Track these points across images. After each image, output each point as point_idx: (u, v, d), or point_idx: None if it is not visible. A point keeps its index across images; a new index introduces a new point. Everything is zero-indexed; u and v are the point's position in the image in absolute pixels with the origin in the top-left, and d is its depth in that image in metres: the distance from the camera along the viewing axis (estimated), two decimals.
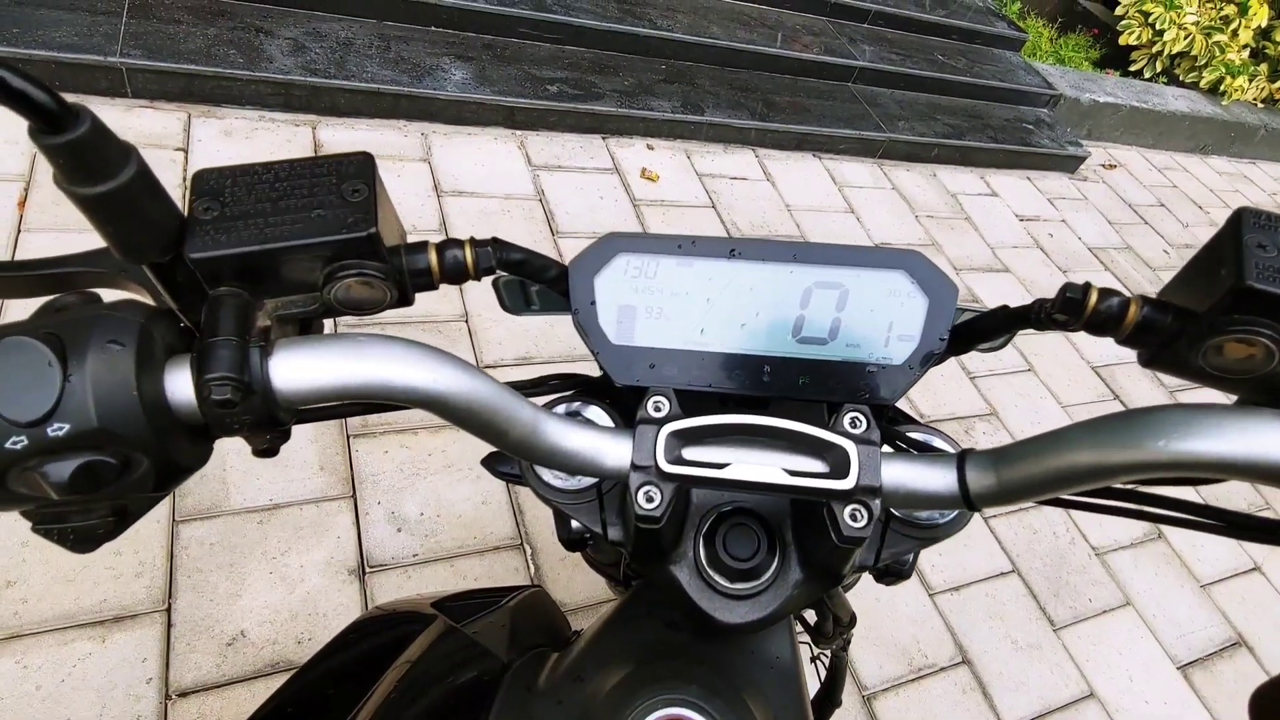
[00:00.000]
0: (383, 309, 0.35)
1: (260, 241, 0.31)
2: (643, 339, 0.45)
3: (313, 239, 0.32)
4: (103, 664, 1.27)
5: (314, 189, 0.33)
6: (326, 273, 0.33)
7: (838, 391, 0.43)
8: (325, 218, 0.32)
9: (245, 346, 0.30)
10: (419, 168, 2.33)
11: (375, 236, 0.32)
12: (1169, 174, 4.24)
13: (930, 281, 0.43)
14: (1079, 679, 1.86)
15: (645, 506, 0.38)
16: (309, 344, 0.32)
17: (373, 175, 0.34)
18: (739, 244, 0.44)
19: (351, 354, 0.32)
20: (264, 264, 0.32)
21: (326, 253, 0.32)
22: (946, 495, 0.37)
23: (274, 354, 0.31)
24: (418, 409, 0.34)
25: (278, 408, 0.31)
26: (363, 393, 0.32)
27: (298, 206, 0.32)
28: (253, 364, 0.30)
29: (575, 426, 0.39)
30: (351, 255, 0.33)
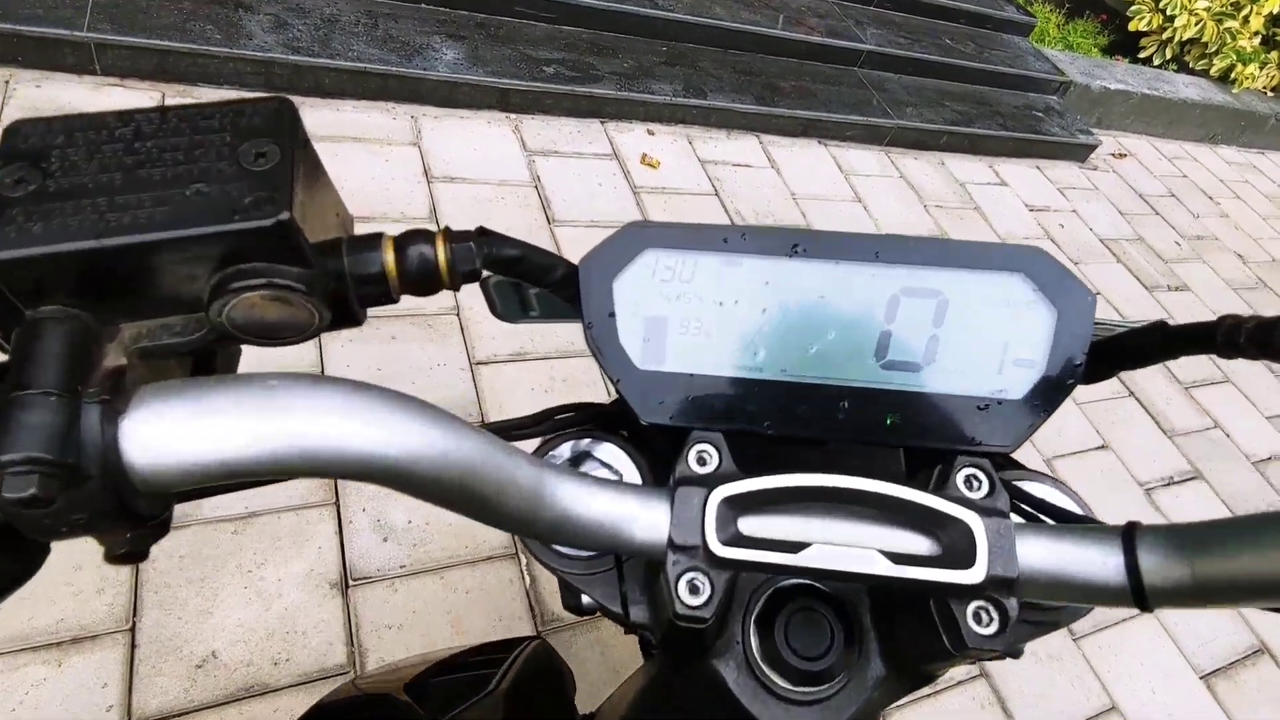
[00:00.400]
0: (310, 334, 0.24)
1: (101, 234, 0.20)
2: (678, 362, 0.34)
3: (183, 230, 0.21)
4: (58, 690, 1.17)
5: (195, 151, 0.22)
6: (215, 283, 0.22)
7: (936, 434, 0.33)
8: (209, 197, 0.21)
9: (74, 403, 0.19)
10: (408, 152, 2.21)
11: (288, 225, 0.21)
12: (1179, 163, 4.15)
13: (1058, 287, 0.32)
14: (1100, 691, 1.78)
15: (688, 602, 0.27)
16: (190, 393, 0.21)
17: (289, 131, 0.23)
18: (804, 237, 0.34)
19: (259, 404, 0.21)
20: (112, 270, 0.21)
21: (212, 251, 0.21)
22: (1108, 589, 0.27)
23: (130, 412, 0.21)
24: (362, 482, 0.24)
25: (136, 496, 0.21)
26: (276, 465, 0.21)
27: (167, 179, 0.21)
28: (87, 432, 0.19)
29: (590, 488, 0.28)
30: (253, 255, 0.22)
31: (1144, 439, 2.43)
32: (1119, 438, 2.38)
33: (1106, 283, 3.04)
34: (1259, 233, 3.81)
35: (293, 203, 0.21)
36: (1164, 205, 3.72)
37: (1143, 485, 2.28)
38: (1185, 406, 2.61)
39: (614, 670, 1.45)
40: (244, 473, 0.21)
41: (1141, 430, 2.45)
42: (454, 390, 1.74)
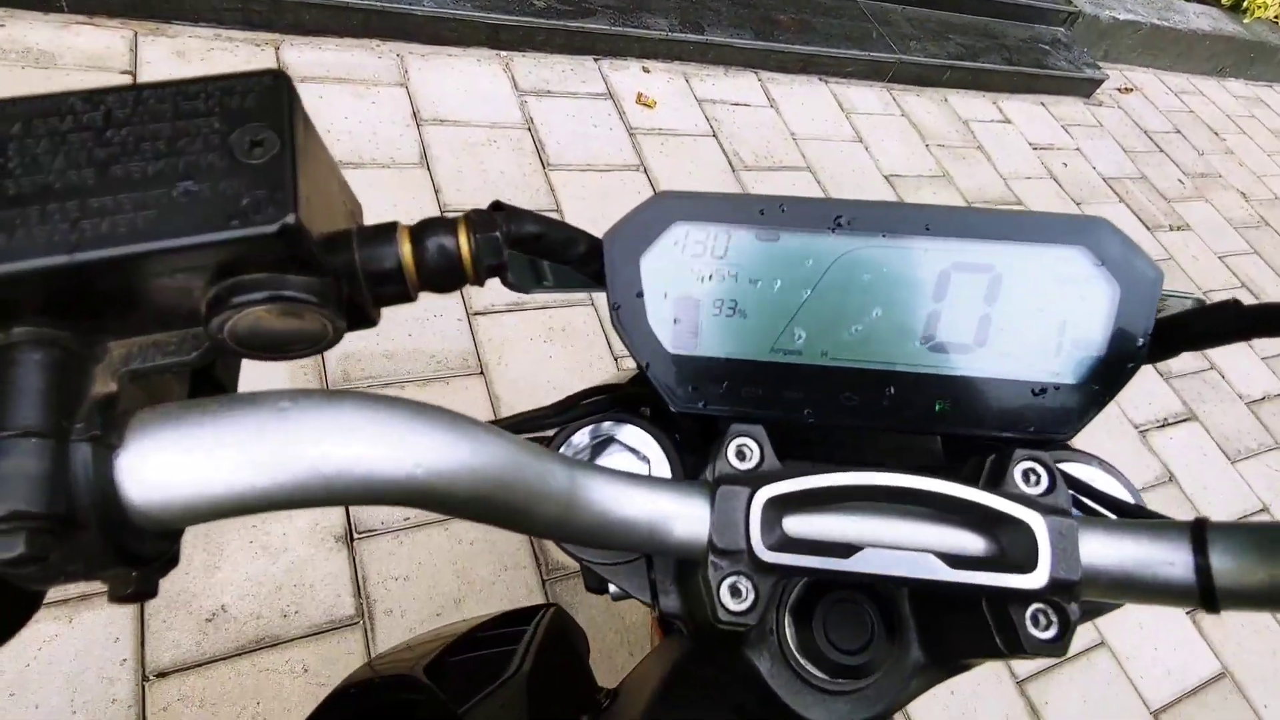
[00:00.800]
0: (322, 348, 0.22)
1: (74, 247, 0.17)
2: (711, 346, 0.32)
3: (175, 240, 0.18)
4: (71, 646, 1.18)
5: (179, 141, 0.19)
6: (212, 296, 0.19)
7: (990, 422, 0.31)
8: (200, 198, 0.18)
9: (61, 444, 0.17)
10: (395, 93, 2.13)
11: (294, 230, 0.18)
12: (1185, 98, 4.05)
13: (1122, 261, 0.30)
14: (1090, 628, 1.83)
15: (731, 607, 0.26)
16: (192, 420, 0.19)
17: (288, 114, 0.20)
18: (847, 208, 0.31)
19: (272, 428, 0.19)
20: (92, 286, 0.18)
21: (207, 261, 0.19)
22: (1174, 588, 0.26)
23: (126, 445, 0.18)
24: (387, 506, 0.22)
25: (138, 538, 0.19)
26: (295, 495, 0.20)
27: (148, 176, 0.18)
28: (76, 474, 0.17)
29: (626, 486, 0.27)
30: (255, 263, 0.19)
31: (1140, 381, 2.43)
32: None
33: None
34: (1263, 169, 3.75)
35: (298, 202, 0.18)
36: (1169, 142, 3.64)
37: (1137, 427, 2.30)
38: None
39: (618, 618, 1.48)
40: (260, 505, 0.19)
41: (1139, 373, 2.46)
42: (453, 342, 1.72)
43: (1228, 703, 1.81)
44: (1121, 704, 1.73)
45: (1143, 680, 1.78)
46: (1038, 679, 1.70)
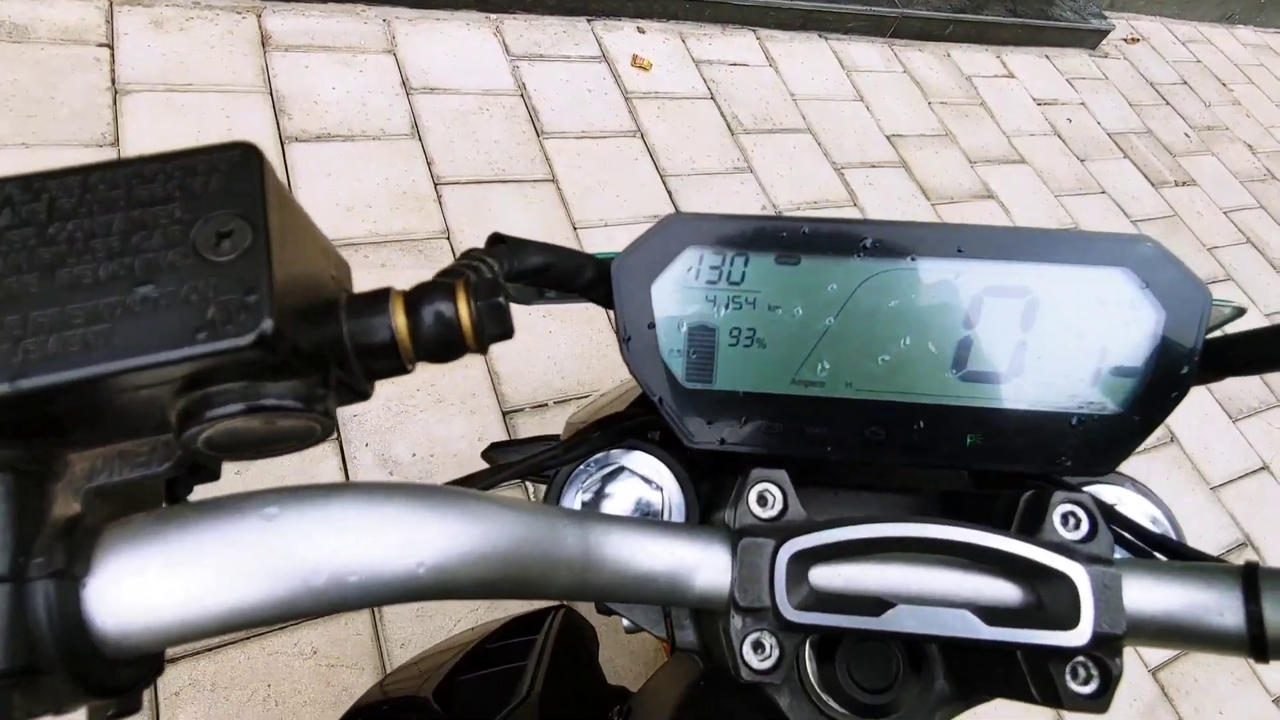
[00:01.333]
0: (310, 444, 0.20)
1: (17, 374, 0.15)
2: (729, 379, 0.30)
3: (133, 360, 0.15)
4: None
5: (135, 236, 0.16)
6: (182, 408, 0.17)
7: (1025, 457, 0.29)
8: (160, 306, 0.16)
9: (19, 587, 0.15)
10: (383, 61, 2.06)
11: (271, 338, 0.16)
12: (1193, 47, 3.95)
13: (1167, 282, 0.28)
14: None
15: (755, 665, 0.25)
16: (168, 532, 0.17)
17: (260, 196, 0.17)
18: (874, 229, 0.29)
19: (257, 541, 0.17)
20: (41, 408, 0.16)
21: (174, 374, 0.16)
22: (1223, 638, 0.24)
23: (94, 571, 0.17)
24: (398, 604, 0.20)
25: (111, 670, 0.17)
26: (287, 610, 0.18)
27: (100, 281, 0.16)
28: (39, 616, 0.16)
29: (643, 537, 0.25)
30: (229, 374, 0.17)
31: None
32: None
33: (1113, 180, 2.95)
34: (1271, 120, 3.68)
35: (274, 306, 0.16)
36: (1175, 94, 3.57)
37: None
38: None
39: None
40: (249, 623, 0.18)
41: None
42: None
43: (1225, 660, 1.84)
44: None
45: None
46: None
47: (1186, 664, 1.80)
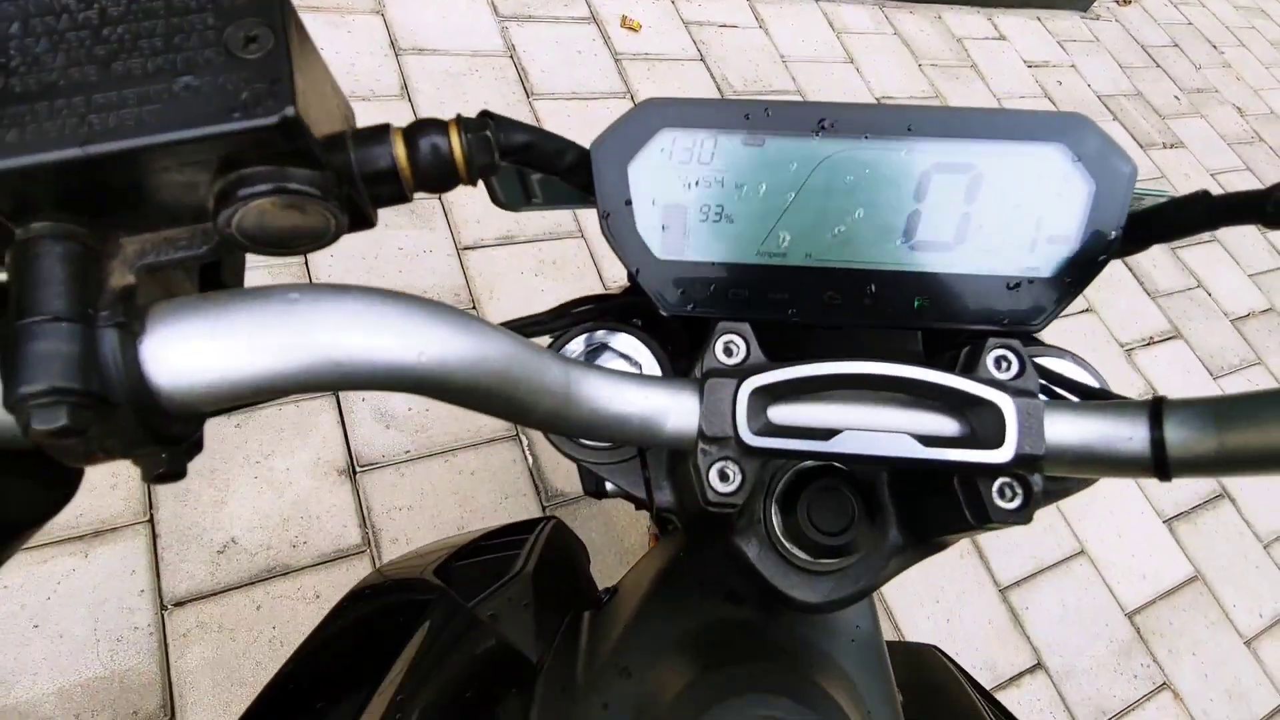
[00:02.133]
0: (324, 243, 0.23)
1: (86, 140, 0.18)
2: (699, 250, 0.33)
3: (178, 133, 0.18)
4: (89, 578, 1.22)
5: (174, 38, 0.19)
6: (219, 189, 0.20)
7: (965, 316, 0.32)
8: (201, 92, 0.19)
9: (89, 328, 0.18)
10: (372, 21, 2.05)
11: (294, 122, 0.19)
12: (1185, 9, 3.94)
13: (1098, 157, 0.31)
14: (1070, 537, 1.90)
15: (720, 490, 0.28)
16: (208, 310, 0.20)
17: (280, 9, 0.20)
18: (830, 111, 0.32)
19: (285, 319, 0.20)
20: (105, 180, 0.19)
21: (212, 156, 0.19)
22: (1132, 460, 0.28)
23: (148, 332, 0.19)
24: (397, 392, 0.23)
25: (167, 419, 0.20)
26: (309, 380, 0.21)
27: (149, 72, 0.19)
28: (105, 356, 0.18)
29: (620, 384, 0.28)
30: (258, 157, 0.20)
31: (1128, 300, 2.46)
32: (1103, 299, 2.41)
33: None
34: (1260, 82, 3.69)
35: (296, 95, 0.19)
36: (1166, 56, 3.57)
37: (1123, 346, 2.33)
38: (1171, 267, 2.63)
39: (617, 539, 1.53)
40: (276, 389, 0.21)
41: (1126, 292, 2.48)
42: (443, 277, 1.72)
43: (1199, 603, 1.91)
44: (1098, 606, 1.82)
45: (1119, 584, 1.87)
46: (1019, 586, 1.78)
47: (1162, 608, 1.87)
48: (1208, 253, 2.74)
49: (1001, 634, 1.72)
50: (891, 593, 1.68)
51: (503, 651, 0.39)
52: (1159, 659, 1.80)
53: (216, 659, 1.22)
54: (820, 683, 0.34)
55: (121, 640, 1.19)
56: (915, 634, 1.65)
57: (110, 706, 1.14)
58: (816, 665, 0.36)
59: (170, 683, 1.18)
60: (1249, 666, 1.85)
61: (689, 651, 0.36)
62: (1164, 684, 1.76)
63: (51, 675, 1.14)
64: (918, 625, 1.67)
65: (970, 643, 1.68)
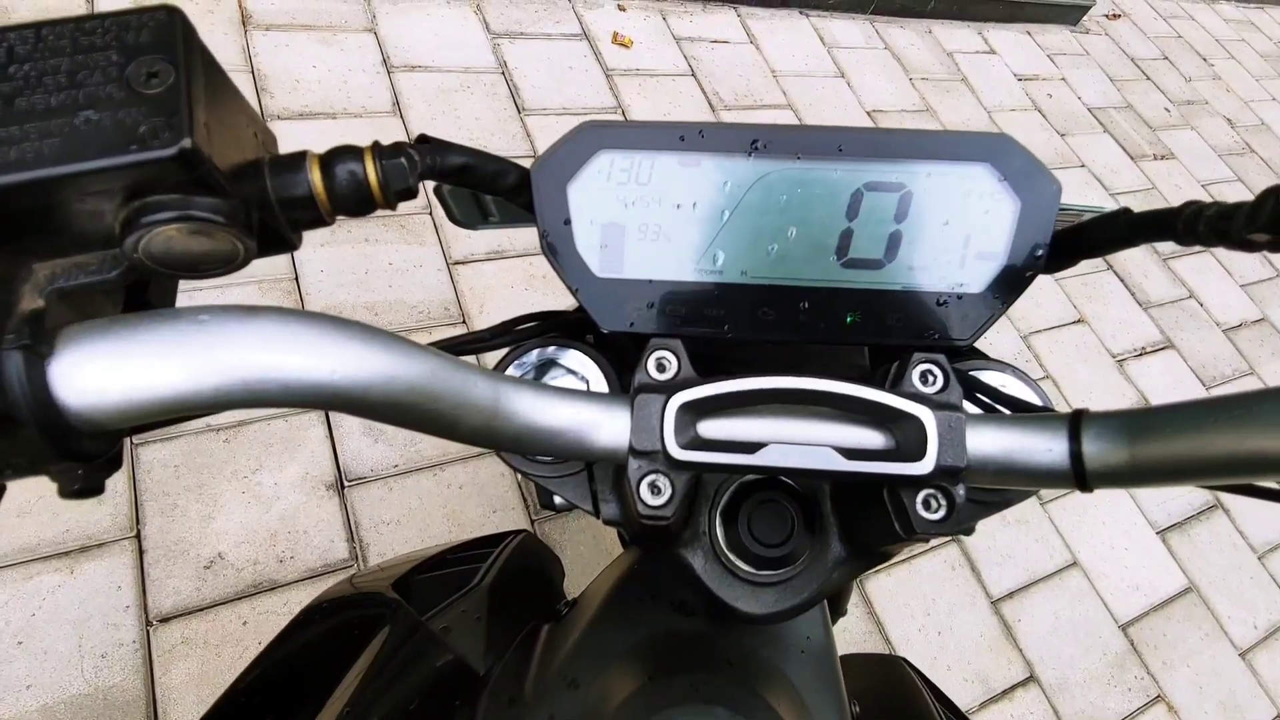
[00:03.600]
0: (236, 266, 0.23)
1: None
2: (636, 269, 0.34)
3: (80, 165, 0.19)
4: (74, 595, 1.22)
5: (78, 75, 0.20)
6: (123, 217, 0.20)
7: (896, 331, 0.33)
8: (100, 126, 0.20)
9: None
10: (364, 39, 2.08)
11: (191, 153, 0.20)
12: (1174, 23, 3.98)
13: (1023, 176, 0.32)
14: (1063, 549, 1.90)
15: (650, 503, 0.28)
16: (118, 331, 0.21)
17: (183, 45, 0.21)
18: (764, 133, 0.32)
19: (193, 339, 0.21)
20: (11, 207, 0.20)
21: (113, 184, 0.20)
22: (1052, 472, 0.28)
23: (56, 354, 0.20)
24: (315, 410, 0.24)
25: (76, 437, 0.21)
26: (219, 399, 0.21)
27: (51, 108, 0.20)
28: (11, 378, 0.19)
29: (551, 399, 0.29)
30: (161, 186, 0.20)
31: (1120, 311, 2.47)
32: (1094, 311, 2.41)
33: (1093, 153, 2.98)
34: (1250, 94, 3.72)
35: (193, 127, 0.20)
36: (1155, 69, 3.60)
37: (1115, 357, 2.34)
38: (1162, 278, 2.63)
39: (606, 553, 1.53)
40: (186, 407, 0.21)
41: (1117, 303, 2.49)
42: (434, 292, 1.73)
43: (1193, 614, 1.90)
44: (1091, 619, 1.81)
45: (1112, 596, 1.86)
46: (1011, 598, 1.77)
47: (1156, 620, 1.86)
48: (1200, 263, 2.75)
49: (994, 646, 1.71)
50: (882, 605, 1.67)
51: (452, 664, 0.39)
52: (1153, 671, 1.79)
53: (202, 675, 1.22)
54: (763, 694, 0.35)
55: (106, 657, 1.19)
56: (905, 647, 1.65)
57: None
58: (761, 676, 0.37)
59: (155, 699, 1.18)
60: (1244, 678, 1.84)
61: (636, 663, 0.36)
62: (1158, 696, 1.75)
63: (35, 692, 1.14)
64: (909, 638, 1.66)
65: (962, 655, 1.68)
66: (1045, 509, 1.94)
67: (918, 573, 1.74)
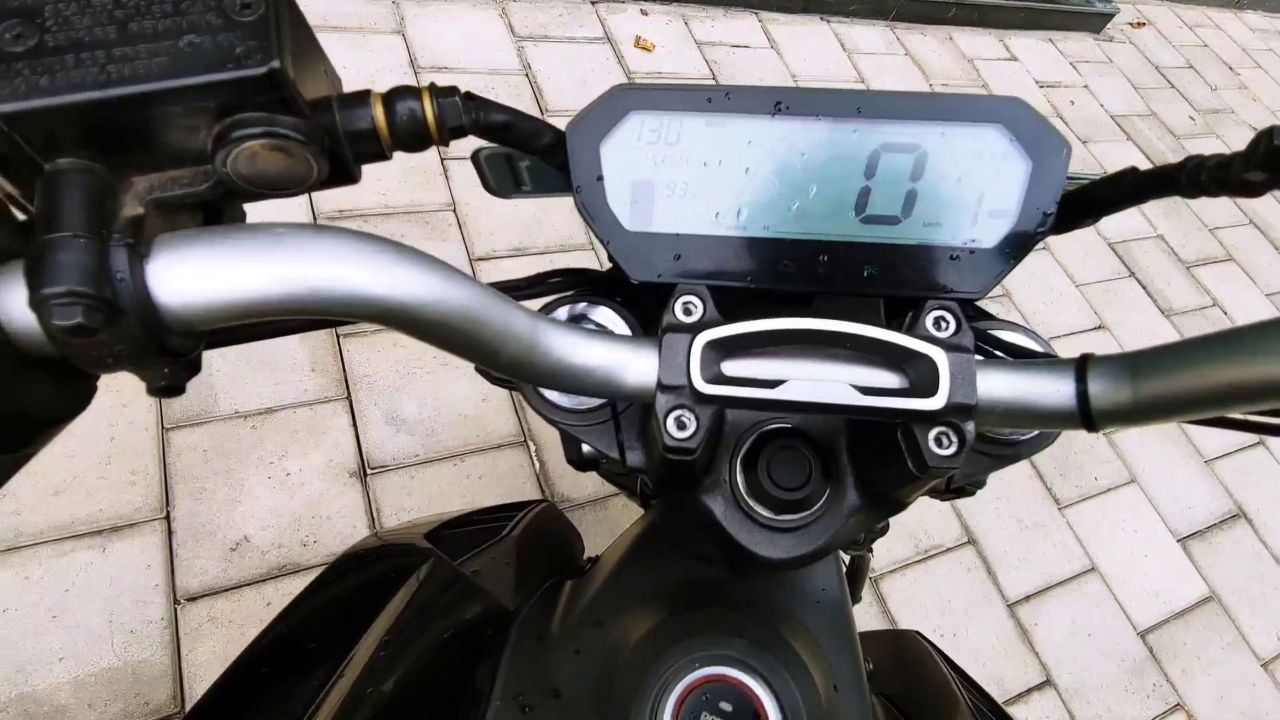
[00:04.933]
0: (312, 186, 0.26)
1: (105, 84, 0.22)
2: (664, 223, 0.35)
3: (182, 80, 0.22)
4: (105, 573, 1.25)
5: (180, 5, 0.23)
6: (216, 133, 0.23)
7: (911, 284, 0.35)
8: (201, 48, 0.22)
9: (103, 245, 0.21)
10: (391, 41, 2.13)
11: (279, 75, 0.22)
12: (1200, 32, 3.95)
13: (1034, 138, 0.33)
14: (1081, 554, 1.88)
15: (676, 436, 0.30)
16: (206, 239, 0.23)
17: None
18: (786, 95, 0.34)
19: (271, 250, 0.23)
20: (120, 121, 0.22)
21: (209, 101, 0.23)
22: (1059, 412, 0.30)
23: (153, 256, 0.23)
24: (373, 323, 0.26)
25: (167, 332, 0.23)
26: (291, 304, 0.24)
27: (159, 31, 0.22)
28: (115, 270, 0.21)
29: (584, 337, 0.31)
30: (250, 105, 0.23)
31: (1141, 318, 2.45)
32: (1115, 318, 2.40)
33: (1115, 161, 2.97)
34: (1277, 103, 3.68)
35: (281, 51, 0.22)
36: (1181, 78, 3.57)
37: None
38: (1185, 285, 2.61)
39: None
40: (261, 310, 0.23)
41: (1139, 310, 2.47)
42: None
43: (1214, 623, 1.88)
44: (1110, 624, 1.80)
45: (1131, 603, 1.85)
46: (1028, 602, 1.77)
47: (1175, 627, 1.84)
48: (1224, 271, 2.72)
49: (1010, 649, 1.70)
50: (896, 605, 1.67)
51: (482, 601, 0.41)
52: (1172, 679, 1.77)
53: (226, 653, 1.25)
54: (781, 633, 0.36)
55: (135, 633, 1.22)
56: None
57: (122, 697, 1.17)
58: (779, 617, 0.38)
59: (181, 675, 1.21)
60: (1267, 689, 1.81)
61: (658, 604, 0.38)
62: (1177, 704, 1.73)
63: (68, 664, 1.17)
64: None
65: (977, 657, 1.67)
66: (1064, 513, 1.93)
67: (932, 573, 1.74)
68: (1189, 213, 2.91)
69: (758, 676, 0.34)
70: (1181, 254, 2.72)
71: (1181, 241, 2.76)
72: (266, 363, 1.53)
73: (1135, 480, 2.06)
